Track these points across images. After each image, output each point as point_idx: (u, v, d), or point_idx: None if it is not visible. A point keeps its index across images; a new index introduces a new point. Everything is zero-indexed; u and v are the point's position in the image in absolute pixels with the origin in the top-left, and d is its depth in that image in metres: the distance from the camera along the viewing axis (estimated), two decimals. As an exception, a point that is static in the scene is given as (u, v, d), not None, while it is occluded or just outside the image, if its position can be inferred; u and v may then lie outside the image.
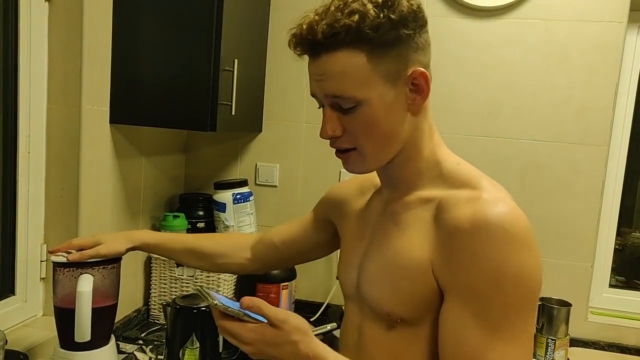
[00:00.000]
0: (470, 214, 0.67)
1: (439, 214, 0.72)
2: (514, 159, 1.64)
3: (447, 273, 0.69)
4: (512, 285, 0.65)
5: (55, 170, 1.30)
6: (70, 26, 1.26)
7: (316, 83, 0.73)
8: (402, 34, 0.69)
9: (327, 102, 0.73)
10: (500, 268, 0.64)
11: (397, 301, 0.73)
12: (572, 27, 1.58)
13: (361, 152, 0.74)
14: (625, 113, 1.70)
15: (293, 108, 1.76)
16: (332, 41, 0.68)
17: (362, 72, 0.69)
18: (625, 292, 1.76)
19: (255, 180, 1.80)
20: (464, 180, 0.74)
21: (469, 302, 0.66)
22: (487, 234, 0.65)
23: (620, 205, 1.75)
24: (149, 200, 1.64)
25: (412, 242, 0.73)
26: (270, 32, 1.74)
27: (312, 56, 0.72)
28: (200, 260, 1.11)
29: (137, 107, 1.39)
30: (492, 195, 0.70)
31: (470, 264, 0.66)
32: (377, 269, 0.78)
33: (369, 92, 0.70)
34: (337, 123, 0.73)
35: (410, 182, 0.78)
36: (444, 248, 0.69)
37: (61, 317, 1.08)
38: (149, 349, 1.41)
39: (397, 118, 0.73)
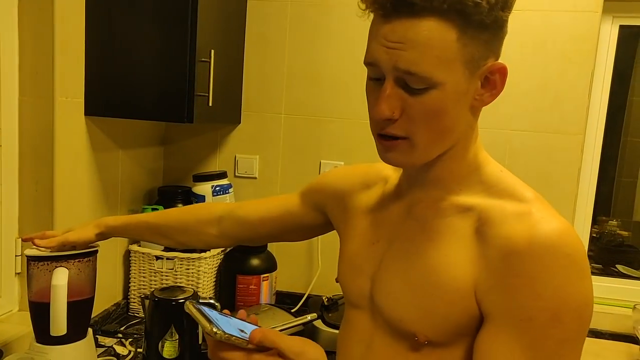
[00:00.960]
0: (526, 233, 0.59)
1: (482, 227, 0.63)
2: (490, 148, 1.61)
3: (496, 299, 0.60)
4: (572, 318, 0.57)
5: (29, 164, 1.28)
6: (40, 17, 1.23)
7: (386, 50, 0.60)
8: (499, 16, 0.60)
9: (393, 76, 0.61)
10: (562, 299, 0.57)
11: (428, 323, 0.65)
12: (547, 17, 1.60)
13: (413, 143, 0.64)
14: (601, 101, 1.72)
15: (272, 99, 1.75)
16: (425, 5, 0.57)
17: (449, 49, 0.59)
18: (601, 279, 1.79)
19: (235, 172, 1.80)
20: (509, 190, 0.65)
21: (521, 334, 0.58)
22: (549, 257, 0.57)
23: (596, 194, 1.78)
24: (127, 194, 1.62)
25: (448, 257, 0.64)
26: (248, 22, 1.73)
27: (390, 16, 0.59)
28: (164, 238, 1.07)
29: (112, 98, 1.37)
30: (543, 210, 0.62)
31: (527, 292, 0.58)
32: (402, 283, 0.68)
33: (447, 75, 0.60)
34: (397, 103, 0.62)
35: (447, 185, 0.69)
36: (494, 270, 0.60)
37: (36, 311, 1.07)
38: (128, 342, 1.40)
39: (461, 112, 0.64)
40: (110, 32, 1.35)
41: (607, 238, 1.99)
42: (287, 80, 1.73)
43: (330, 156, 1.74)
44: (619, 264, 1.91)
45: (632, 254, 1.96)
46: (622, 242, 1.98)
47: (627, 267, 1.89)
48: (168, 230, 1.06)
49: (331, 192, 0.89)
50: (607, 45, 1.69)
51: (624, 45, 1.74)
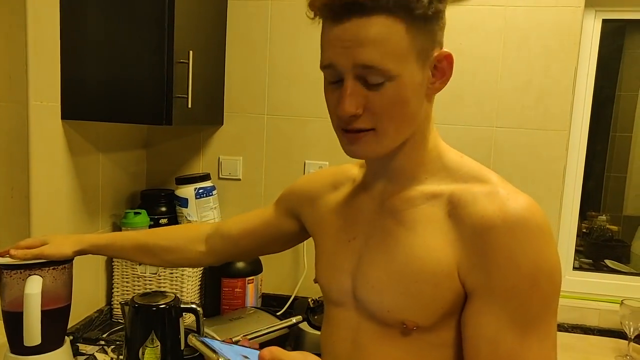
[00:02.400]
0: (498, 209, 0.63)
1: (454, 209, 0.67)
2: (474, 146, 1.65)
3: (479, 274, 0.64)
4: (547, 281, 0.62)
5: (4, 170, 1.26)
6: (13, 19, 1.21)
7: (341, 51, 0.64)
8: (438, 8, 0.64)
9: (353, 74, 0.64)
10: (537, 264, 0.62)
11: (416, 309, 0.67)
12: (530, 13, 1.59)
13: (379, 133, 0.67)
14: (585, 97, 1.71)
15: (254, 100, 1.73)
16: (374, 4, 0.61)
17: (400, 43, 0.63)
18: (588, 274, 1.79)
19: (219, 174, 1.78)
20: (472, 174, 0.69)
21: (506, 303, 0.62)
22: (522, 230, 0.62)
23: (585, 190, 1.77)
24: (109, 198, 1.60)
25: (427, 243, 0.67)
26: (229, 23, 1.71)
27: (340, 18, 0.63)
28: (150, 257, 1.06)
29: (90, 102, 1.35)
30: (508, 189, 0.66)
31: (507, 263, 0.62)
32: (385, 275, 0.70)
33: (402, 67, 0.64)
34: (360, 99, 0.65)
35: (412, 175, 0.72)
36: (473, 248, 0.64)
37: (10, 321, 1.04)
38: (110, 350, 1.38)
39: (419, 101, 0.67)
40: (86, 34, 1.32)
41: (597, 233, 1.99)
42: (270, 80, 1.71)
43: (314, 156, 1.72)
44: (608, 259, 1.91)
45: (621, 248, 1.96)
46: (611, 236, 1.98)
47: (615, 262, 1.89)
48: (155, 248, 1.06)
49: (302, 196, 0.91)
50: (590, 40, 1.68)
51: (608, 39, 1.73)
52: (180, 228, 1.13)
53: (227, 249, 1.03)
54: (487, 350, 0.63)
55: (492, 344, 0.63)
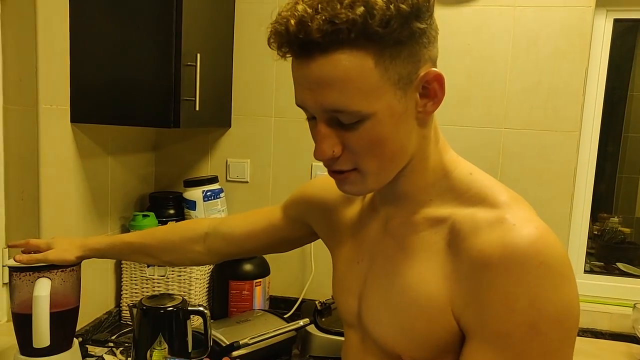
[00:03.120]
0: (497, 244, 0.56)
1: (454, 239, 0.61)
2: (484, 147, 1.63)
3: (472, 315, 0.58)
4: (551, 328, 0.55)
5: (15, 173, 1.27)
6: (24, 23, 1.22)
7: (308, 92, 0.59)
8: (415, 28, 0.57)
9: (324, 117, 0.60)
10: (538, 310, 0.54)
11: (410, 343, 0.63)
12: (539, 13, 1.57)
13: (363, 173, 0.62)
14: (596, 98, 1.69)
15: (262, 102, 1.73)
16: (331, 40, 0.55)
17: (369, 79, 0.56)
18: (599, 277, 1.76)
19: (226, 177, 1.78)
20: (481, 195, 0.62)
21: (501, 350, 0.56)
22: (521, 269, 0.54)
23: (596, 191, 1.75)
24: (118, 201, 1.61)
25: (423, 274, 0.62)
26: (236, 25, 1.71)
27: (301, 57, 0.58)
28: (150, 258, 1.06)
29: (98, 105, 1.36)
30: (517, 215, 0.58)
31: (502, 307, 0.55)
32: (383, 303, 0.67)
33: (376, 103, 0.57)
34: (336, 140, 0.60)
35: (416, 198, 0.67)
36: (468, 285, 0.58)
37: (20, 323, 1.05)
38: (119, 352, 1.39)
39: (406, 130, 0.61)
40: (95, 38, 1.33)
41: (608, 235, 1.96)
42: (277, 82, 1.72)
43: (322, 158, 1.71)
44: (620, 262, 1.88)
45: (634, 251, 1.93)
46: (623, 239, 1.95)
47: (628, 264, 1.86)
48: (153, 250, 1.05)
49: (314, 205, 0.87)
50: (601, 40, 1.66)
51: (620, 39, 1.71)
52: (178, 227, 1.09)
53: (229, 249, 1.01)
54: None
55: None
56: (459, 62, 1.62)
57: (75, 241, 1.08)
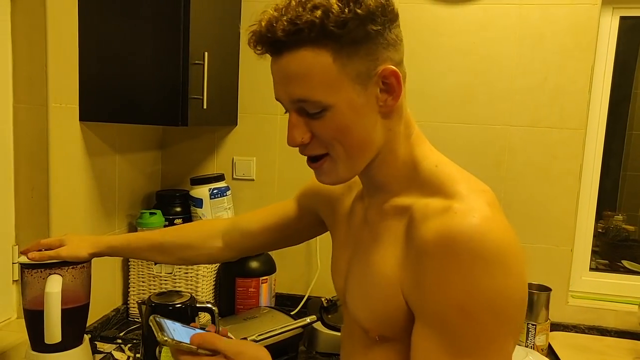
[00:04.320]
0: (436, 231, 0.60)
1: (409, 227, 0.65)
2: (489, 145, 1.64)
3: (416, 298, 0.63)
4: (483, 313, 0.58)
5: (24, 171, 1.28)
6: (34, 24, 1.23)
7: (280, 86, 0.67)
8: (370, 30, 0.63)
9: (293, 107, 0.67)
10: (468, 294, 0.58)
11: (374, 320, 0.70)
12: (545, 10, 1.57)
13: (334, 158, 0.68)
14: (602, 95, 1.69)
15: (268, 100, 1.74)
16: (294, 39, 0.63)
17: (328, 73, 0.63)
18: (605, 274, 1.77)
19: (233, 175, 1.79)
20: (440, 186, 0.66)
21: (436, 330, 0.60)
22: (452, 255, 0.58)
23: (601, 189, 1.75)
24: (125, 198, 1.62)
25: (384, 258, 0.68)
26: (243, 24, 1.72)
27: (273, 55, 0.66)
28: (167, 255, 1.07)
29: (107, 103, 1.37)
30: (465, 204, 0.61)
31: (435, 290, 0.60)
32: (357, 284, 0.73)
33: (336, 95, 0.64)
34: (304, 129, 0.67)
35: (388, 188, 0.72)
36: (412, 269, 0.63)
37: (31, 319, 1.06)
38: (127, 348, 1.40)
39: (370, 122, 0.67)
40: (103, 37, 1.34)
41: (613, 233, 1.96)
42: (283, 81, 1.72)
43: (328, 156, 1.72)
44: (625, 260, 1.88)
45: (638, 249, 1.93)
46: (627, 236, 1.96)
47: (632, 262, 1.87)
48: (170, 247, 1.06)
49: (322, 195, 0.92)
50: (607, 38, 1.66)
51: (626, 36, 1.71)
52: (194, 225, 1.13)
53: (246, 244, 1.04)
54: None
55: None
56: (464, 60, 1.62)
57: (87, 238, 1.09)
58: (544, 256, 1.65)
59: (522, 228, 1.63)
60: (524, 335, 1.54)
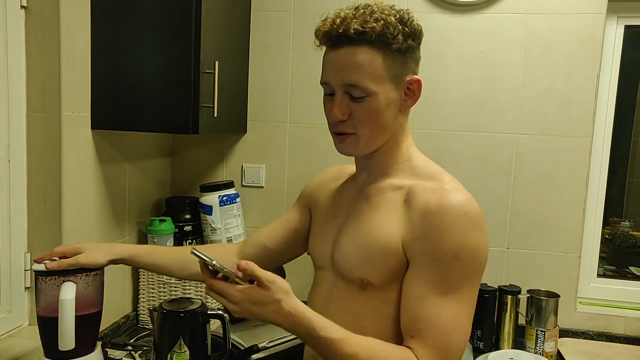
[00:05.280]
0: (436, 199, 0.83)
1: (408, 198, 0.86)
2: (497, 153, 1.65)
3: (415, 247, 0.83)
4: (467, 258, 0.81)
5: (37, 178, 1.29)
6: (47, 32, 1.25)
7: (334, 72, 0.85)
8: (410, 45, 0.85)
9: (341, 90, 0.85)
10: (460, 244, 0.80)
11: (369, 269, 0.87)
12: (551, 20, 1.59)
13: (359, 137, 0.87)
14: (608, 103, 1.71)
15: (277, 108, 1.76)
16: (360, 37, 0.82)
17: (378, 68, 0.83)
18: (614, 281, 1.77)
19: (242, 182, 1.80)
20: (430, 174, 0.89)
21: (433, 269, 0.81)
22: (451, 216, 0.81)
23: (607, 195, 1.76)
24: (135, 205, 1.63)
25: (384, 220, 0.87)
26: (252, 33, 1.74)
27: (335, 46, 0.85)
28: (185, 269, 1.11)
29: (118, 112, 1.38)
30: (452, 186, 0.86)
31: (436, 240, 0.81)
32: (352, 243, 0.90)
33: (379, 86, 0.84)
34: (345, 109, 0.86)
35: (385, 171, 0.92)
36: (414, 226, 0.83)
37: (45, 326, 1.07)
38: (137, 355, 1.41)
39: (392, 114, 0.87)
40: (115, 47, 1.36)
41: (620, 239, 1.96)
42: (292, 89, 1.74)
43: (335, 163, 1.72)
44: (632, 266, 1.88)
45: (645, 255, 1.93)
46: (634, 243, 1.96)
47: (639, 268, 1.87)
48: (190, 262, 1.07)
49: (311, 191, 1.10)
50: (612, 46, 1.68)
51: (631, 45, 1.72)
52: (212, 244, 1.25)
53: (259, 256, 1.11)
54: (414, 304, 0.82)
55: (419, 299, 0.82)
56: (472, 68, 1.64)
57: (102, 245, 1.11)
58: (552, 263, 1.66)
59: (529, 235, 1.64)
60: (533, 341, 1.54)
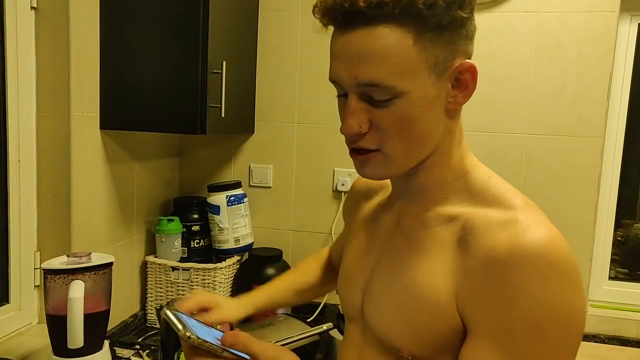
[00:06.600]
0: (507, 241, 0.56)
1: (465, 236, 0.60)
2: (507, 153, 1.63)
3: (477, 310, 0.57)
4: (555, 330, 0.54)
5: (47, 178, 1.30)
6: (57, 33, 1.26)
7: (344, 66, 0.58)
8: (457, 16, 0.57)
9: (357, 91, 0.59)
10: (544, 309, 0.54)
11: (411, 337, 0.63)
12: (563, 18, 1.57)
13: (386, 154, 0.61)
14: (620, 103, 1.68)
15: (284, 108, 1.76)
16: (376, 12, 0.55)
17: (407, 56, 0.56)
18: (625, 284, 1.74)
19: (249, 182, 1.80)
20: (496, 197, 0.62)
21: (503, 346, 0.55)
22: (530, 268, 0.54)
23: (620, 197, 1.73)
24: (143, 205, 1.64)
25: (430, 268, 0.62)
26: (260, 33, 1.74)
27: (343, 27, 0.58)
28: (303, 296, 1.05)
29: (127, 112, 1.39)
30: (529, 217, 0.58)
31: (507, 303, 0.55)
32: (387, 295, 0.66)
33: (411, 82, 0.57)
34: (364, 117, 0.60)
35: (432, 194, 0.66)
36: (475, 280, 0.57)
37: (54, 324, 1.08)
38: (145, 354, 1.41)
39: (435, 117, 0.61)
40: (124, 47, 1.37)
41: (633, 242, 1.93)
42: (300, 89, 1.74)
43: (343, 164, 1.73)
44: (645, 269, 1.85)
45: (658, 258, 1.90)
46: (647, 245, 1.92)
47: (653, 271, 1.84)
48: (307, 289, 1.05)
49: (347, 210, 0.89)
50: (625, 45, 1.65)
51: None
52: (314, 260, 1.10)
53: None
54: None
55: None
56: (482, 68, 1.60)
57: (234, 301, 0.97)
58: (562, 265, 1.64)
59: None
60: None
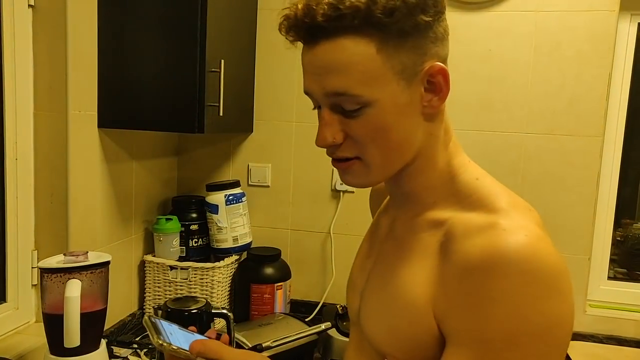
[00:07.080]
0: (482, 248, 0.54)
1: (446, 242, 0.59)
2: (505, 152, 1.63)
3: (453, 319, 0.56)
4: (531, 342, 0.51)
5: (44, 176, 1.30)
6: (54, 32, 1.26)
7: (313, 78, 0.60)
8: (420, 21, 0.57)
9: (327, 103, 0.61)
10: (519, 320, 0.51)
11: (395, 344, 0.62)
12: (562, 17, 1.56)
13: (366, 162, 0.62)
14: (620, 102, 1.68)
15: (283, 107, 1.75)
16: (335, 25, 0.56)
17: (371, 65, 0.57)
18: (624, 284, 1.74)
19: (248, 181, 1.80)
20: (481, 200, 0.60)
21: (478, 357, 0.53)
22: (504, 275, 0.51)
23: (619, 197, 1.73)
24: (141, 204, 1.64)
25: (414, 274, 0.61)
26: (259, 32, 1.74)
27: (308, 43, 0.60)
28: None
29: (125, 110, 1.39)
30: (511, 221, 0.56)
31: (482, 313, 0.53)
32: (376, 301, 0.66)
33: (379, 90, 0.58)
34: (337, 128, 0.61)
35: (421, 199, 0.66)
36: (450, 288, 0.56)
37: (50, 323, 1.08)
38: (143, 353, 1.41)
39: (411, 123, 0.61)
40: (122, 46, 1.36)
41: (632, 241, 1.93)
42: (298, 88, 1.73)
43: (342, 163, 1.72)
44: (644, 269, 1.85)
45: (658, 257, 1.90)
46: (647, 245, 1.92)
47: (652, 271, 1.84)
48: None
49: (372, 212, 0.88)
50: (625, 44, 1.65)
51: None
52: None
53: None
54: None
55: None
56: (481, 67, 1.62)
57: None
58: (561, 265, 1.63)
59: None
60: (541, 345, 1.52)
